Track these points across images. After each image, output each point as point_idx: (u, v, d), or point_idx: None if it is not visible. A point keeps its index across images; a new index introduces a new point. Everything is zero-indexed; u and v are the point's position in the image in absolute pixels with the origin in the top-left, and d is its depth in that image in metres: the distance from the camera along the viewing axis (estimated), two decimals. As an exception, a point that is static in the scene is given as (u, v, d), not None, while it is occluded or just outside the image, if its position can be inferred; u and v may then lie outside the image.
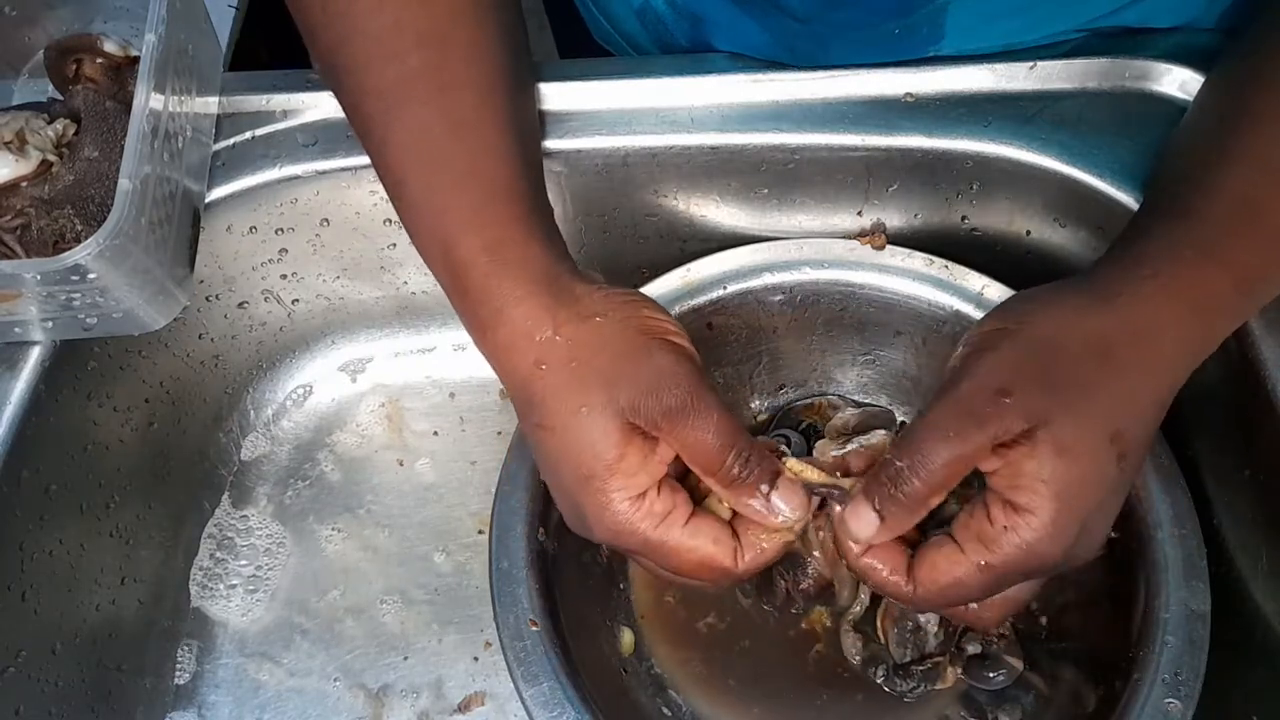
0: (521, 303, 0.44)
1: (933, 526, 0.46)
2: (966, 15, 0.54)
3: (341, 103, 0.50)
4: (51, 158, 0.52)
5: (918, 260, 0.58)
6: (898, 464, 0.42)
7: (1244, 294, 0.44)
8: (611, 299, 0.45)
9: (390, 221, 0.61)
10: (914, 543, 0.46)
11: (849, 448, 0.56)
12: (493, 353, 0.45)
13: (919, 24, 0.55)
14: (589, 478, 0.42)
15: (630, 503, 0.43)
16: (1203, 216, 0.45)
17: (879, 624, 0.54)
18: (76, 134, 0.53)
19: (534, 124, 0.55)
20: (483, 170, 0.46)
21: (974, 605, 0.46)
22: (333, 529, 0.65)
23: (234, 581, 0.63)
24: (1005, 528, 0.41)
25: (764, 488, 0.44)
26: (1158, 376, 0.43)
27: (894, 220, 0.60)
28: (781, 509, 0.44)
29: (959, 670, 0.53)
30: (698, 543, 0.44)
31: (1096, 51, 0.57)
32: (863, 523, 0.44)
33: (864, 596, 0.55)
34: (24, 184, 0.51)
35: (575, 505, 0.44)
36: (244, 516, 0.65)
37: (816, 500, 0.46)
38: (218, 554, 0.64)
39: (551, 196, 0.60)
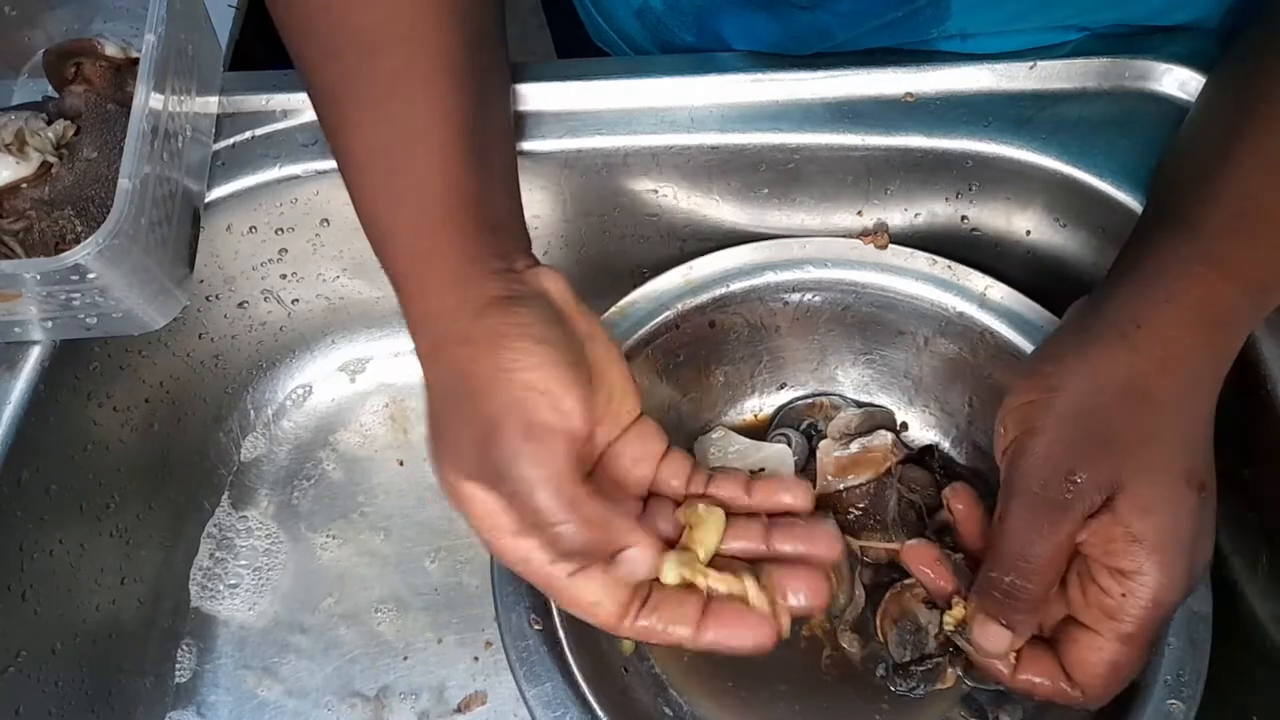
0: (425, 299, 0.44)
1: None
2: None
3: (312, 102, 0.49)
4: (51, 159, 0.52)
5: (920, 260, 0.57)
6: (1006, 579, 0.43)
7: (1253, 300, 0.44)
8: (503, 326, 0.42)
9: (390, 221, 0.61)
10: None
11: (851, 448, 0.56)
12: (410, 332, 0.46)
13: (923, 8, 0.55)
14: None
15: (503, 539, 0.42)
16: (1207, 225, 0.45)
17: (879, 625, 0.54)
18: (76, 135, 0.53)
19: (499, 124, 0.52)
20: (425, 184, 0.45)
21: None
22: (332, 529, 0.65)
23: (234, 581, 0.63)
24: (1124, 595, 0.41)
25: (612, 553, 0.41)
26: (1196, 400, 0.43)
27: (894, 220, 0.60)
28: (628, 565, 0.41)
29: (959, 670, 0.53)
30: (582, 593, 0.42)
31: (1098, 51, 0.57)
32: (997, 639, 0.44)
33: (859, 596, 0.55)
34: (24, 186, 0.51)
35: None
36: (244, 517, 0.65)
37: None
38: (217, 554, 0.64)
39: (551, 196, 0.60)
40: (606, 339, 0.45)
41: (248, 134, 0.58)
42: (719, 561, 0.44)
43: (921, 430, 0.62)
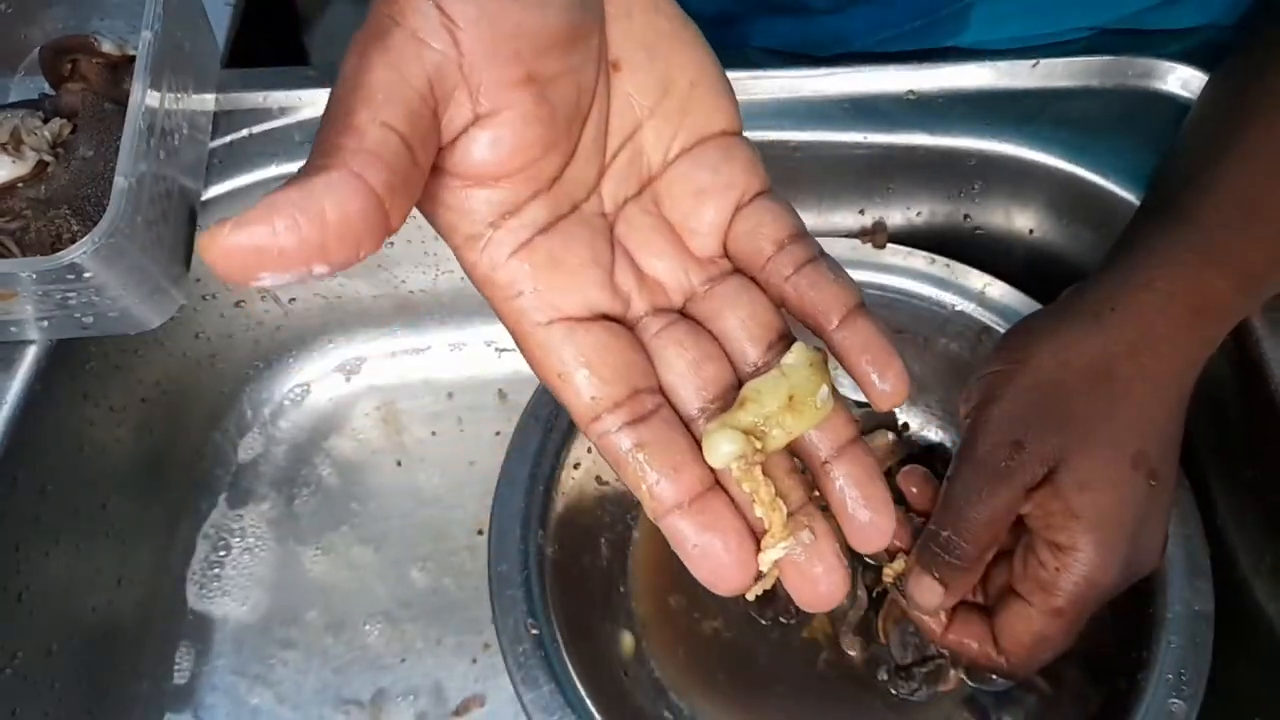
0: None
1: None
2: (991, 12, 0.54)
3: None
4: (47, 158, 0.52)
5: (919, 259, 0.57)
6: (943, 533, 0.44)
7: (1243, 290, 0.44)
8: None
9: (388, 220, 0.61)
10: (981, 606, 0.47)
11: None
12: None
13: (943, 20, 0.54)
14: None
15: None
16: (1201, 217, 0.45)
17: (880, 626, 0.54)
18: (72, 133, 0.53)
19: None
20: None
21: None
22: (330, 530, 0.64)
23: (231, 582, 0.63)
24: (1057, 569, 0.42)
25: None
26: (1164, 387, 0.43)
27: (896, 218, 0.60)
28: None
29: (962, 672, 0.52)
30: None
31: (1105, 49, 0.56)
32: (928, 593, 0.45)
33: (861, 595, 0.55)
34: (20, 185, 0.51)
35: None
36: (240, 517, 0.65)
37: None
38: (214, 555, 0.63)
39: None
40: (682, 16, 0.33)
41: (244, 132, 0.58)
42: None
43: (923, 430, 0.62)
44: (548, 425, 0.54)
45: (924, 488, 0.51)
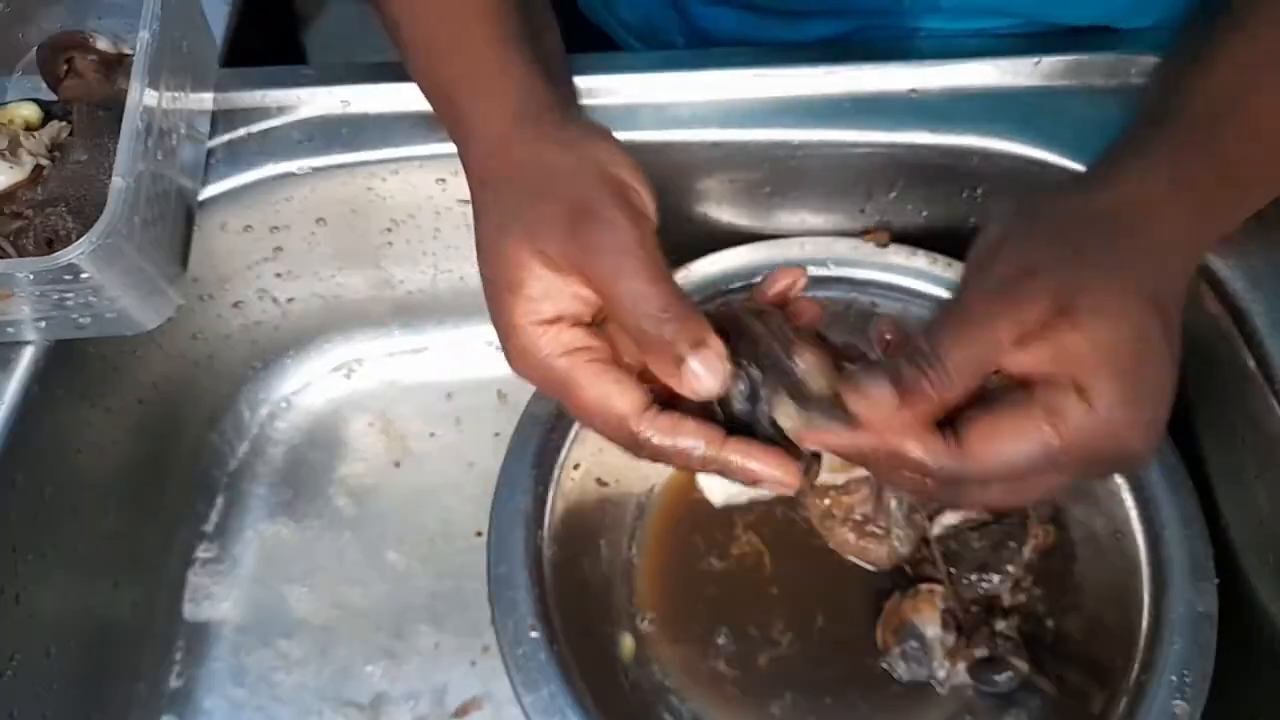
0: (488, 122, 0.45)
1: None
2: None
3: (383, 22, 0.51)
4: (44, 161, 0.52)
5: (921, 258, 0.57)
6: (923, 346, 0.38)
7: (1231, 187, 0.44)
8: (572, 131, 0.45)
9: (385, 219, 0.61)
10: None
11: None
12: (465, 169, 0.47)
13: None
14: (496, 296, 0.43)
15: (535, 326, 0.42)
16: (1184, 114, 0.45)
17: (880, 636, 0.53)
18: (70, 134, 0.53)
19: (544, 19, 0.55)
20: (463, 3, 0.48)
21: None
22: (328, 530, 0.64)
23: (228, 583, 0.62)
24: (1076, 403, 0.37)
25: (684, 351, 0.40)
26: (1169, 254, 0.42)
27: (898, 217, 0.60)
28: (697, 372, 0.40)
29: (966, 672, 0.52)
30: (602, 384, 0.41)
31: (1074, 48, 0.57)
32: (876, 389, 0.38)
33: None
34: (19, 191, 0.51)
35: (496, 327, 0.44)
36: (237, 519, 0.64)
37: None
38: (211, 557, 0.63)
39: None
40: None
41: (242, 131, 0.58)
42: None
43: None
44: (547, 426, 0.54)
45: (898, 336, 0.45)
